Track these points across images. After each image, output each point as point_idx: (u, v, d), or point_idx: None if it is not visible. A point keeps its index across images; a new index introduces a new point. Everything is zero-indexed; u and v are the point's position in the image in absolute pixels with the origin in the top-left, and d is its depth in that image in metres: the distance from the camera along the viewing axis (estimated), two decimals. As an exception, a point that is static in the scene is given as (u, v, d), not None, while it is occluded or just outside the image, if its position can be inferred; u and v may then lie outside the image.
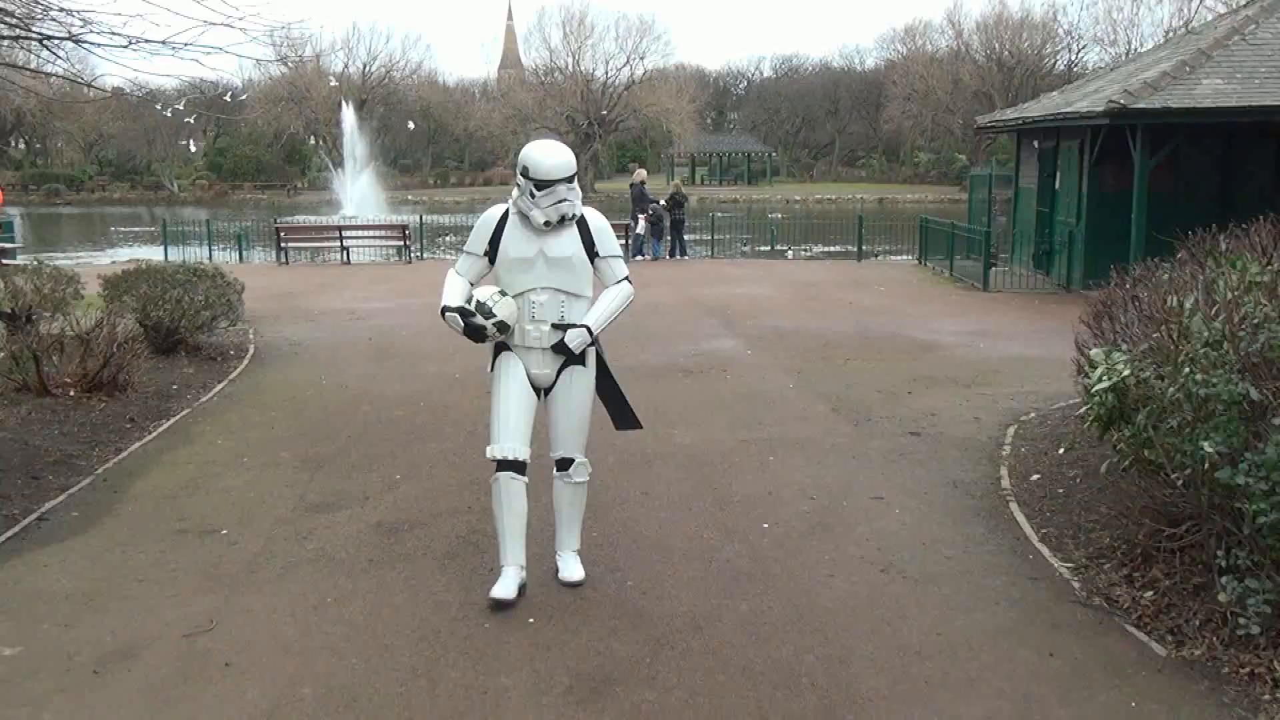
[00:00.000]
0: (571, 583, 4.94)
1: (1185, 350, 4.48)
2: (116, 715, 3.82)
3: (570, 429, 4.93)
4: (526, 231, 4.77)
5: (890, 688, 4.00)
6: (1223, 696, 3.93)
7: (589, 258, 4.84)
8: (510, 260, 4.80)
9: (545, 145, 4.86)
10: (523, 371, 4.83)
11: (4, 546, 5.65)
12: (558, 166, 4.69)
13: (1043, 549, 5.51)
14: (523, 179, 4.73)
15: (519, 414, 4.80)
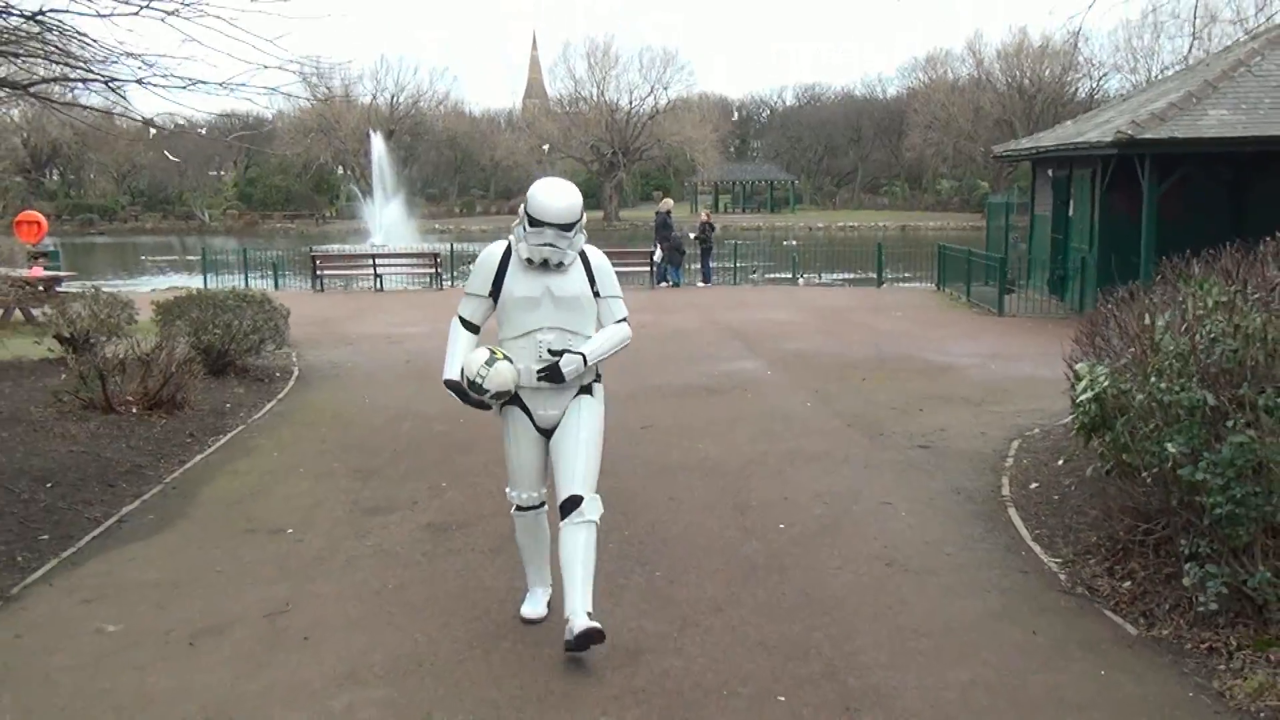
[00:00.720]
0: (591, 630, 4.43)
1: (1154, 363, 5.01)
2: (213, 678, 4.39)
3: (579, 462, 4.64)
4: (532, 270, 4.58)
5: (888, 657, 4.54)
6: (1183, 667, 4.45)
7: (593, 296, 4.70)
8: (515, 299, 4.60)
9: (553, 188, 4.59)
10: (528, 423, 4.72)
11: (91, 544, 6.25)
12: (551, 211, 4.49)
13: (1035, 547, 6.04)
14: (523, 211, 4.58)
15: (531, 461, 4.77)
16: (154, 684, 4.36)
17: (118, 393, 9.63)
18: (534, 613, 4.93)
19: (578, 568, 4.54)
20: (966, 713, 4.05)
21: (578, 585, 4.52)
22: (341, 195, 71.68)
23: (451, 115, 78.17)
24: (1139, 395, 5.03)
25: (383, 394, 10.94)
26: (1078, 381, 5.85)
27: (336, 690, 4.25)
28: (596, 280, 4.70)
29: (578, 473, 4.63)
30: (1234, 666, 4.39)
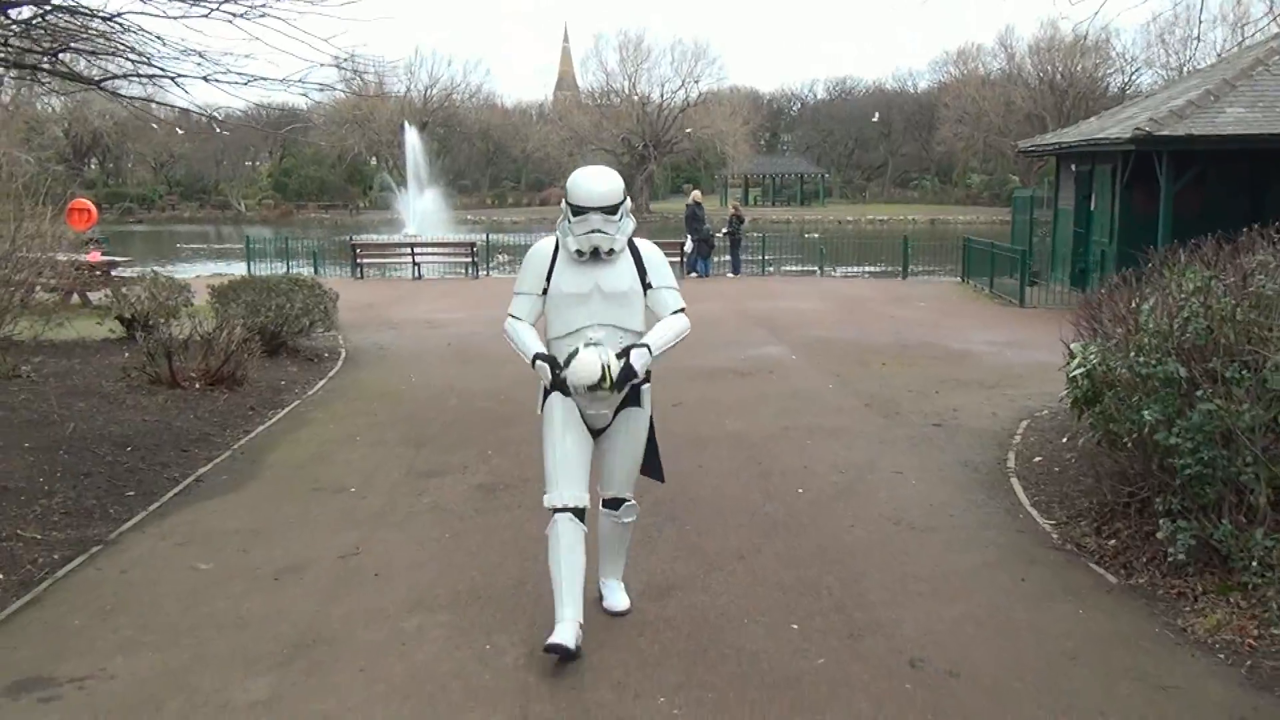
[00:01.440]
0: (616, 612, 4.87)
1: (1136, 341, 5.57)
2: (299, 605, 5.04)
3: (624, 471, 4.76)
4: (580, 263, 4.50)
5: (890, 597, 5.14)
6: (1154, 609, 5.01)
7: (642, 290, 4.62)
8: (563, 296, 4.51)
9: (590, 172, 4.60)
10: (578, 414, 4.59)
11: (174, 500, 6.92)
12: (593, 194, 4.42)
13: (1033, 511, 6.60)
14: (565, 203, 4.52)
15: (577, 459, 4.57)
16: (248, 609, 5.01)
17: (182, 369, 10.31)
18: (564, 640, 4.33)
19: (614, 549, 4.90)
20: (955, 640, 4.64)
21: (611, 557, 4.92)
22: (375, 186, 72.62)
23: (484, 108, 78.95)
24: (1123, 370, 5.60)
25: (427, 374, 11.59)
26: (1072, 359, 6.41)
27: (408, 615, 4.90)
28: (648, 271, 4.60)
29: (624, 480, 4.78)
30: (1198, 608, 4.96)
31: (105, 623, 4.87)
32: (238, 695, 4.12)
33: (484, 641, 4.60)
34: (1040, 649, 4.58)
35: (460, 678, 4.26)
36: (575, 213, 4.45)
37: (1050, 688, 4.20)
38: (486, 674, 4.30)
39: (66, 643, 4.66)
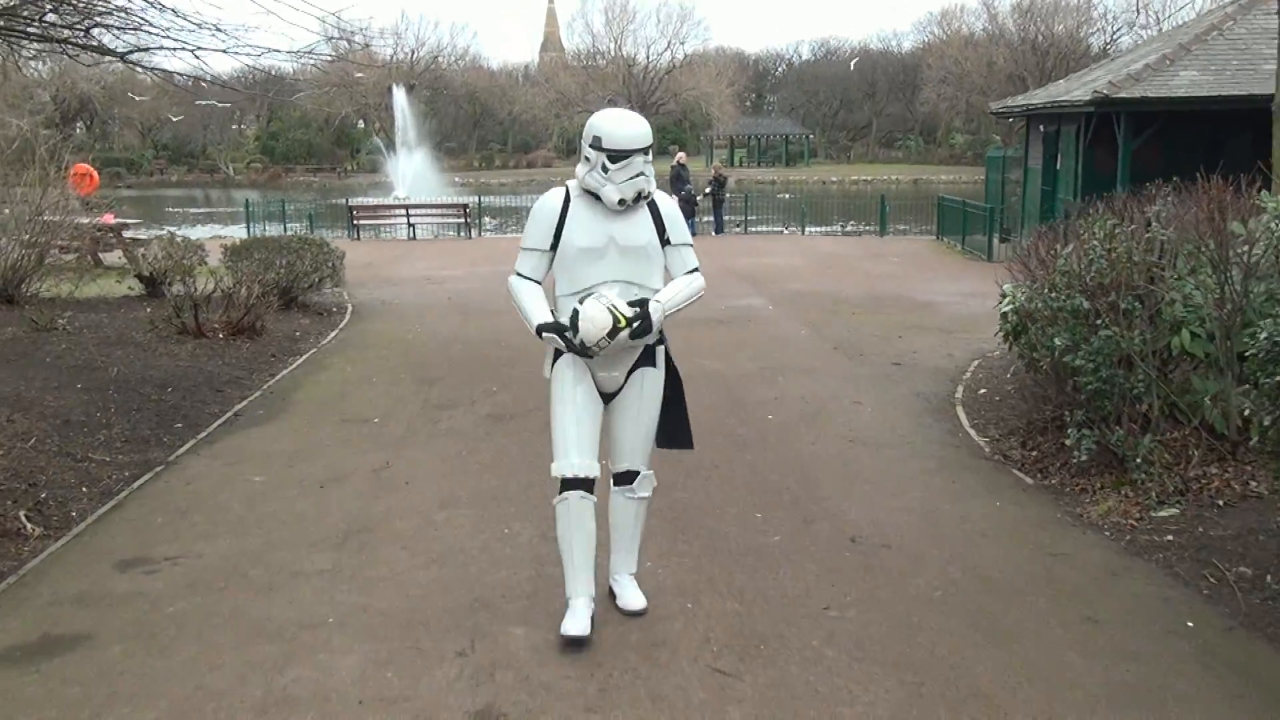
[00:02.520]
0: (632, 611, 4.46)
1: (1050, 280, 6.54)
2: (344, 505, 6.01)
3: (638, 438, 4.42)
4: (595, 216, 4.20)
5: (840, 494, 6.13)
6: (1060, 502, 6.01)
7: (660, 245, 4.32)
8: (576, 250, 4.20)
9: (622, 114, 4.29)
10: (589, 376, 4.32)
11: (218, 430, 7.86)
12: (636, 135, 4.13)
13: (971, 431, 7.60)
14: (593, 151, 4.15)
15: (588, 425, 4.30)
16: (301, 509, 5.97)
17: (206, 321, 11.22)
18: (577, 629, 4.22)
19: (626, 531, 4.53)
20: (889, 524, 5.63)
21: (624, 547, 4.55)
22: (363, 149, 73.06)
23: (470, 70, 79.33)
24: (1040, 305, 6.57)
25: (431, 324, 12.52)
26: (1003, 299, 7.38)
27: (437, 510, 5.87)
28: (667, 227, 4.31)
29: (638, 449, 4.44)
30: (1094, 500, 5.96)
31: (183, 520, 5.83)
32: (306, 566, 5.09)
33: (503, 527, 5.57)
34: (959, 530, 5.58)
35: (485, 551, 5.23)
36: (614, 158, 4.09)
37: (961, 556, 5.20)
38: (506, 548, 5.27)
39: (154, 534, 5.62)
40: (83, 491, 6.32)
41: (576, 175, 4.28)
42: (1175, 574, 4.94)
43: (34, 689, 3.93)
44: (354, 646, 4.21)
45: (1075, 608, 4.59)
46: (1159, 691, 3.87)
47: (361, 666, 4.04)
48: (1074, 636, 4.32)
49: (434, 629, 4.37)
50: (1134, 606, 4.62)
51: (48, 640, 4.34)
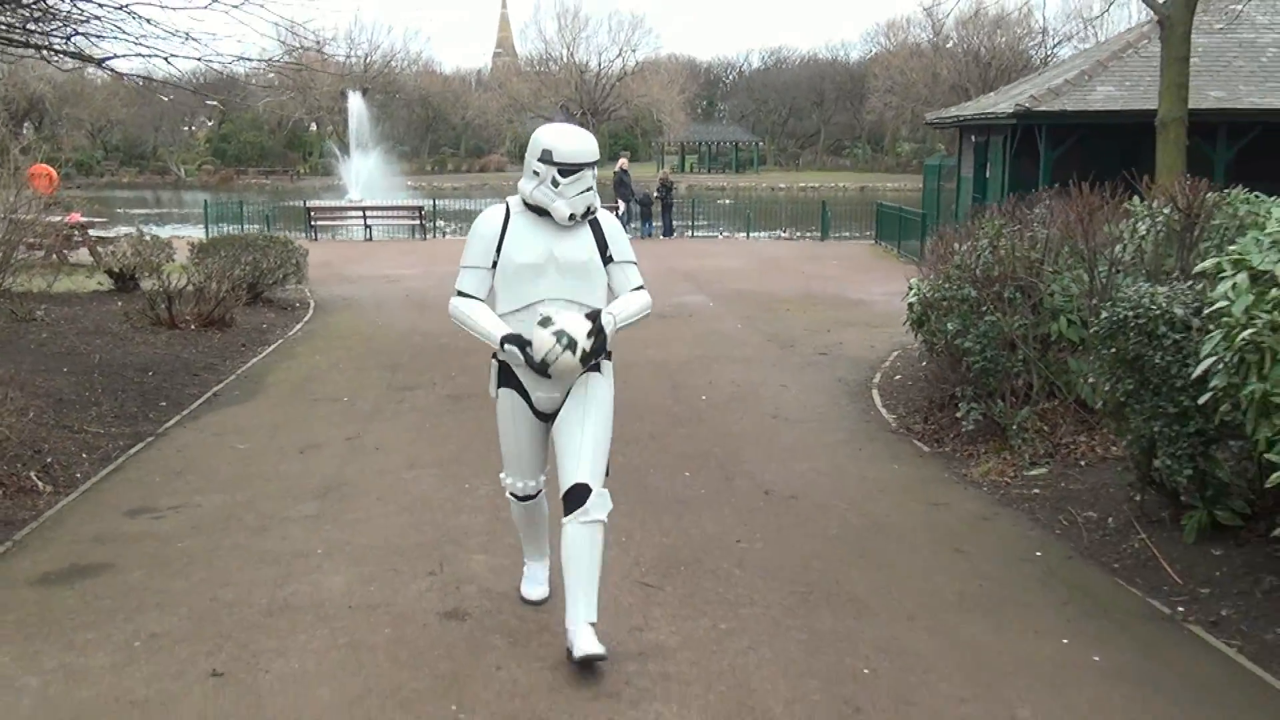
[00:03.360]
0: (591, 655, 3.97)
1: (945, 272, 7.46)
2: (323, 467, 6.79)
3: (586, 449, 4.12)
4: (536, 232, 4.11)
5: (760, 458, 7.01)
6: (949, 465, 6.92)
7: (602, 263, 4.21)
8: (516, 267, 4.09)
9: (570, 129, 4.22)
10: (527, 411, 4.28)
11: (200, 407, 8.59)
12: (587, 150, 4.07)
13: (882, 410, 8.51)
14: (541, 165, 4.04)
15: (530, 450, 4.39)
16: (284, 470, 6.75)
17: (179, 313, 11.91)
18: (536, 593, 4.61)
19: (582, 571, 4.05)
20: (800, 481, 6.52)
21: (580, 591, 4.04)
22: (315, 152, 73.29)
23: (423, 74, 79.79)
24: (937, 295, 7.48)
25: (390, 318, 13.28)
26: (910, 291, 8.30)
27: (405, 470, 6.68)
28: (610, 244, 4.22)
29: (584, 461, 4.10)
30: (978, 462, 6.88)
31: (179, 479, 6.59)
32: (293, 513, 5.88)
33: (463, 484, 6.39)
34: (860, 486, 6.48)
35: (449, 501, 6.05)
36: (566, 172, 4.01)
37: (858, 505, 6.09)
38: (467, 499, 6.09)
39: (156, 490, 6.37)
40: (83, 457, 7.04)
41: (520, 190, 4.17)
42: (1036, 519, 5.86)
43: (72, 601, 4.69)
44: (341, 569, 5.02)
45: (947, 543, 5.49)
46: (1001, 600, 4.77)
47: (348, 583, 4.85)
48: (941, 563, 5.21)
49: (408, 557, 5.18)
50: (995, 542, 5.53)
51: (76, 569, 5.09)
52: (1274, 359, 4.14)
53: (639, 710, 3.73)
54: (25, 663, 4.09)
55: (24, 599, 4.73)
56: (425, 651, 4.17)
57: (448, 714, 3.70)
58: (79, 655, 4.16)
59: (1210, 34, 18.93)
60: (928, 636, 4.34)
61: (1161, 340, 5.07)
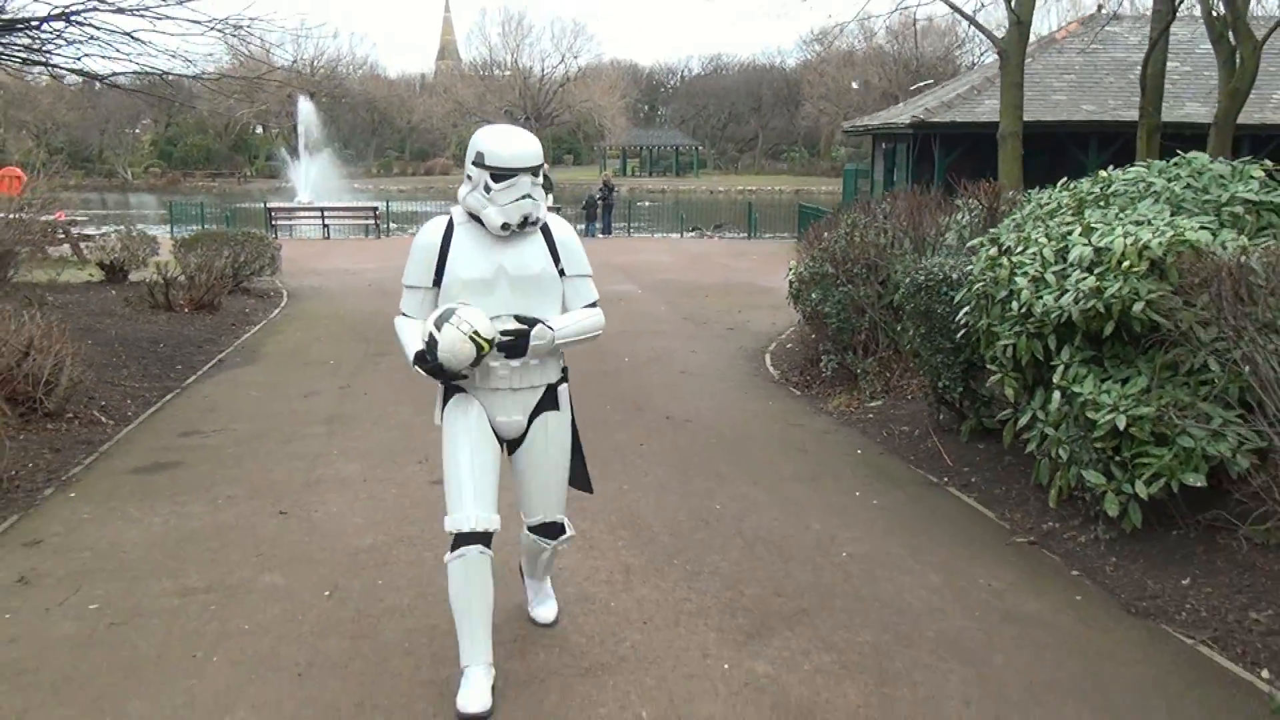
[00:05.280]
0: (545, 623, 4.40)
1: (813, 254, 9.52)
2: (324, 405, 8.68)
3: (549, 488, 4.12)
4: (481, 244, 3.86)
5: (666, 399, 9.01)
6: (811, 402, 8.97)
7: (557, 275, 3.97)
8: (462, 284, 3.83)
9: (508, 130, 3.91)
10: (484, 417, 3.98)
11: (210, 370, 10.42)
12: (522, 154, 3.78)
13: (770, 368, 10.55)
14: (475, 169, 3.81)
15: (483, 473, 3.89)
16: (295, 408, 8.64)
17: (174, 298, 13.68)
18: (476, 705, 3.75)
19: (540, 563, 4.41)
20: (695, 411, 8.53)
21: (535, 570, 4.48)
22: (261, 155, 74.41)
23: (369, 78, 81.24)
24: (806, 272, 9.54)
25: (357, 303, 15.14)
26: (790, 271, 10.35)
27: (390, 406, 8.60)
28: (562, 256, 3.98)
29: (550, 499, 4.13)
30: (832, 399, 8.93)
31: (212, 414, 8.46)
32: (309, 432, 7.78)
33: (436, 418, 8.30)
34: (739, 414, 8.50)
35: (426, 425, 7.84)
36: (498, 177, 3.76)
37: (735, 425, 8.11)
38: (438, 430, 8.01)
39: (197, 421, 8.24)
40: (128, 402, 8.87)
41: (459, 198, 3.92)
42: (865, 433, 7.92)
43: (164, 481, 6.57)
44: (354, 461, 6.95)
45: (794, 446, 7.54)
46: (821, 474, 6.81)
47: (361, 468, 6.79)
48: (786, 457, 7.25)
49: (401, 453, 7.13)
50: (830, 446, 7.58)
51: (157, 464, 6.97)
52: (992, 302, 6.21)
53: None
54: (146, 511, 5.99)
55: (128, 480, 6.61)
56: (421, 503, 6.12)
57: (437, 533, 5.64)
58: (182, 507, 6.06)
59: (1088, 53, 21.34)
60: (763, 493, 6.38)
61: (942, 297, 7.14)
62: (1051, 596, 4.88)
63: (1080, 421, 5.44)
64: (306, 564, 5.17)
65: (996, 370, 6.19)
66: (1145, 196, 6.34)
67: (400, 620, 4.54)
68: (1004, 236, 6.65)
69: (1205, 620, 4.58)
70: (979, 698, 3.90)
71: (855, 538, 5.63)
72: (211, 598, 4.76)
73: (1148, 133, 11.99)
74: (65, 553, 5.35)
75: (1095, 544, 5.42)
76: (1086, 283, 5.39)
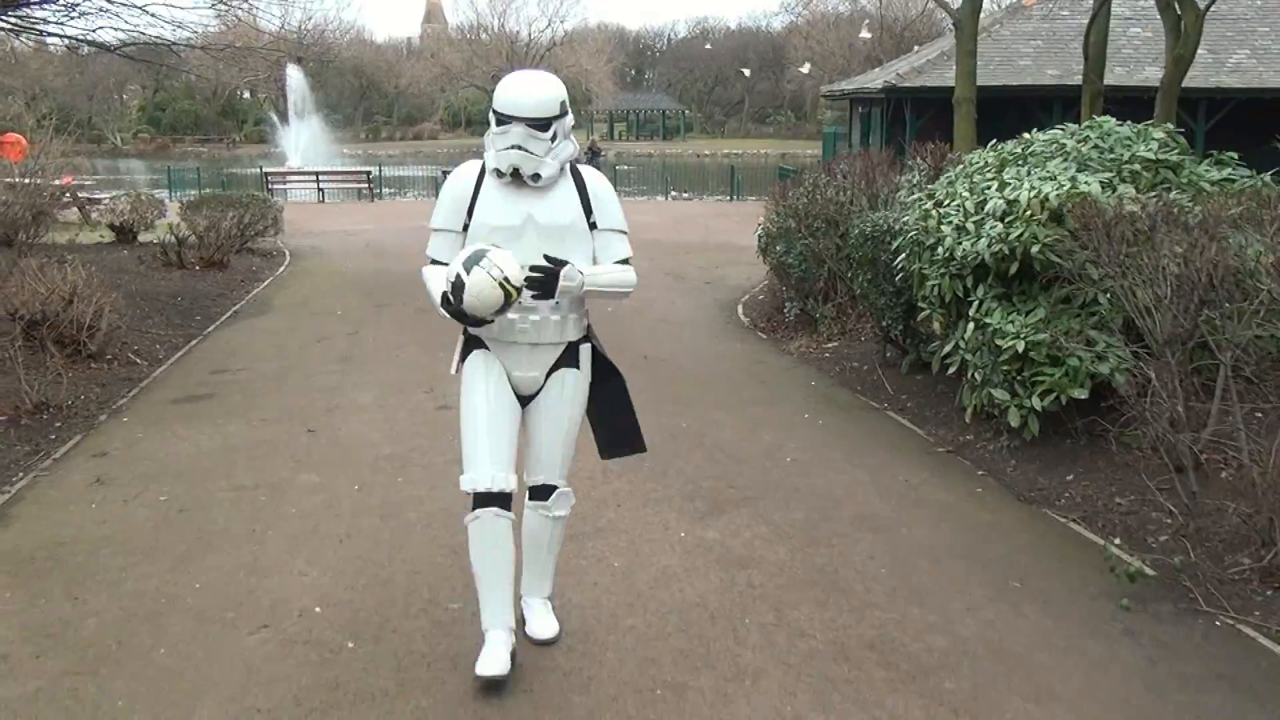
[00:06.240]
0: (543, 640, 4.04)
1: (779, 210, 10.47)
2: (336, 348, 9.62)
3: (556, 447, 3.92)
4: (510, 191, 3.75)
5: (645, 342, 9.98)
6: (776, 344, 9.96)
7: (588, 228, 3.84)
8: (489, 230, 3.72)
9: (521, 76, 3.76)
10: (504, 376, 3.85)
11: (228, 319, 11.35)
12: (519, 103, 3.64)
13: (742, 318, 11.52)
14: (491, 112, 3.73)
15: (501, 430, 3.78)
16: (311, 350, 9.59)
17: (185, 256, 14.58)
18: (493, 668, 3.72)
19: (541, 551, 4.07)
20: (670, 353, 9.50)
21: (538, 571, 4.11)
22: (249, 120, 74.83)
23: (356, 43, 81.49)
24: (772, 227, 10.50)
25: (357, 262, 16.05)
26: (759, 227, 11.31)
27: (395, 349, 9.56)
28: (595, 208, 3.86)
29: (554, 460, 3.94)
30: (793, 341, 9.91)
31: (236, 356, 9.40)
32: (325, 370, 8.74)
33: (437, 355, 9.25)
34: (710, 354, 9.48)
35: (430, 363, 8.93)
36: (499, 121, 3.69)
37: (704, 363, 9.09)
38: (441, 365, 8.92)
39: (223, 361, 9.18)
40: (157, 347, 9.81)
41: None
42: (820, 369, 8.91)
43: (201, 409, 7.53)
44: (366, 393, 7.92)
45: (756, 379, 8.52)
46: (777, 401, 7.80)
47: (374, 397, 7.76)
48: (748, 388, 8.24)
49: (409, 386, 8.10)
50: (788, 380, 8.57)
51: (193, 396, 7.93)
52: (923, 249, 7.18)
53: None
54: (193, 431, 6.96)
55: (171, 408, 7.58)
56: (429, 423, 7.10)
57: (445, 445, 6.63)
58: (222, 428, 7.03)
59: (1054, 20, 22.22)
60: (725, 415, 7.37)
61: (886, 246, 8.10)
62: (957, 490, 5.89)
63: (991, 348, 6.42)
64: (337, 467, 6.15)
65: (926, 308, 7.17)
66: (1056, 156, 7.29)
67: (419, 505, 5.52)
68: (939, 192, 7.61)
69: (1079, 505, 5.59)
70: (881, 554, 4.90)
71: (799, 447, 6.63)
72: (260, 492, 5.74)
73: (1091, 98, 12.88)
74: (129, 462, 6.32)
75: (1001, 451, 6.43)
76: (996, 230, 6.36)
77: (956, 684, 3.74)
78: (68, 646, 4.02)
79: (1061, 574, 4.71)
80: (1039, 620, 4.24)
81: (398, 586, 4.55)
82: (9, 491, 5.83)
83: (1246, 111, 19.39)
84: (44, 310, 8.66)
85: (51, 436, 6.87)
